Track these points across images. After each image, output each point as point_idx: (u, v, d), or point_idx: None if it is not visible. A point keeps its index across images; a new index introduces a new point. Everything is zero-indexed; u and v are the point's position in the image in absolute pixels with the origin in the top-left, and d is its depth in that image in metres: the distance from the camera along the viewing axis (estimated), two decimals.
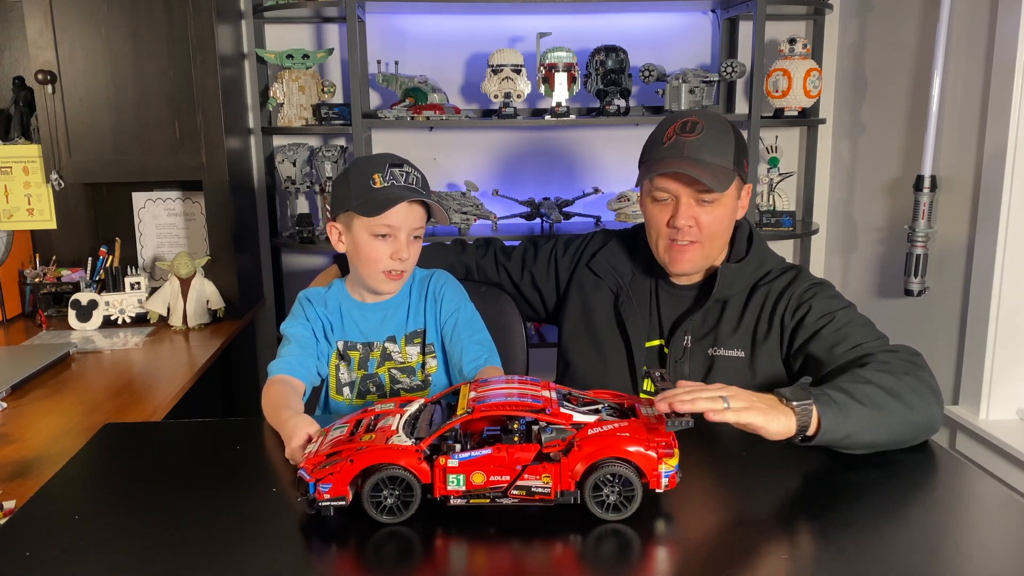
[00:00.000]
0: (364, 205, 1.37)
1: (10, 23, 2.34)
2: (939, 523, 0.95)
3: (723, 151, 1.35)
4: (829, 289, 1.39)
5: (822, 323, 1.32)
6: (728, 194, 1.36)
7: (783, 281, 1.40)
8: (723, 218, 1.38)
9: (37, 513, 1.01)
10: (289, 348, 1.42)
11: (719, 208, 1.37)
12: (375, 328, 1.49)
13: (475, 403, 0.98)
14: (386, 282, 1.44)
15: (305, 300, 1.51)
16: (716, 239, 1.40)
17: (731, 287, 1.41)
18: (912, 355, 1.24)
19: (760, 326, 1.39)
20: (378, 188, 1.37)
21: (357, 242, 1.41)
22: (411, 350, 1.49)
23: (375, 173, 1.38)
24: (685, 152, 1.34)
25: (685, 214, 1.36)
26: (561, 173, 2.73)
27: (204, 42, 2.16)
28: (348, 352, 1.48)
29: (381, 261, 1.40)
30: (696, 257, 1.40)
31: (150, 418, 1.58)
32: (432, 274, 1.54)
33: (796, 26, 2.67)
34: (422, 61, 2.62)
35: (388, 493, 0.95)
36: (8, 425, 1.52)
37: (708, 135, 1.34)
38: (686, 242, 1.39)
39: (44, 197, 2.29)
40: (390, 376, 1.49)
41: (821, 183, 2.77)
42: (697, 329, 1.43)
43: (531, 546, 0.92)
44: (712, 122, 1.37)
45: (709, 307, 1.42)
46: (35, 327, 2.23)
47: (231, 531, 0.98)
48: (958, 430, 2.07)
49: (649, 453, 0.94)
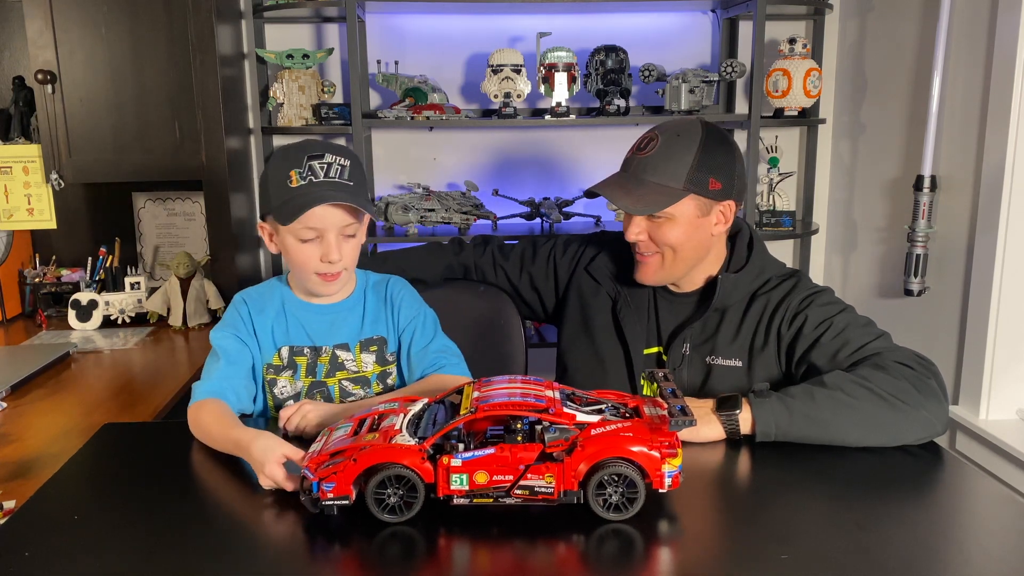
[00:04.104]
0: (280, 209, 1.25)
1: (10, 23, 2.34)
2: (939, 523, 0.95)
3: (673, 170, 1.32)
4: (826, 295, 1.38)
5: (820, 331, 1.32)
6: (681, 212, 1.33)
7: (781, 291, 1.39)
8: (679, 235, 1.35)
9: (37, 513, 1.01)
10: (218, 367, 1.29)
11: (671, 225, 1.34)
12: (324, 332, 1.37)
13: (478, 403, 0.98)
14: (322, 284, 1.32)
15: (241, 303, 1.37)
16: (676, 253, 1.37)
17: (730, 297, 1.40)
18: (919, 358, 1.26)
19: (757, 337, 1.38)
20: (294, 188, 1.24)
21: (285, 246, 1.29)
22: (366, 358, 1.38)
23: (292, 170, 1.25)
24: (630, 170, 1.36)
25: (632, 230, 1.37)
26: (561, 173, 2.73)
27: (204, 42, 2.16)
28: (294, 358, 1.36)
29: (310, 264, 1.29)
30: (655, 268, 1.40)
31: (150, 418, 1.58)
32: (388, 279, 1.45)
33: (796, 26, 2.68)
34: (422, 61, 2.62)
35: (391, 492, 0.95)
36: (8, 425, 1.52)
37: (660, 153, 1.33)
38: (648, 254, 1.39)
39: (44, 197, 2.29)
40: (340, 388, 1.37)
41: (821, 183, 2.77)
42: (696, 337, 1.42)
43: (534, 546, 0.92)
44: (673, 138, 1.34)
45: (708, 316, 1.41)
46: (35, 327, 2.23)
47: (232, 531, 0.98)
48: (958, 430, 2.07)
49: (652, 453, 0.94)
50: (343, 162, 1.27)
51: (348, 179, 1.27)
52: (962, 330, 2.08)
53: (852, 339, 1.29)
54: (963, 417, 2.02)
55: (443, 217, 2.47)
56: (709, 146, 1.34)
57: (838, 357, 1.28)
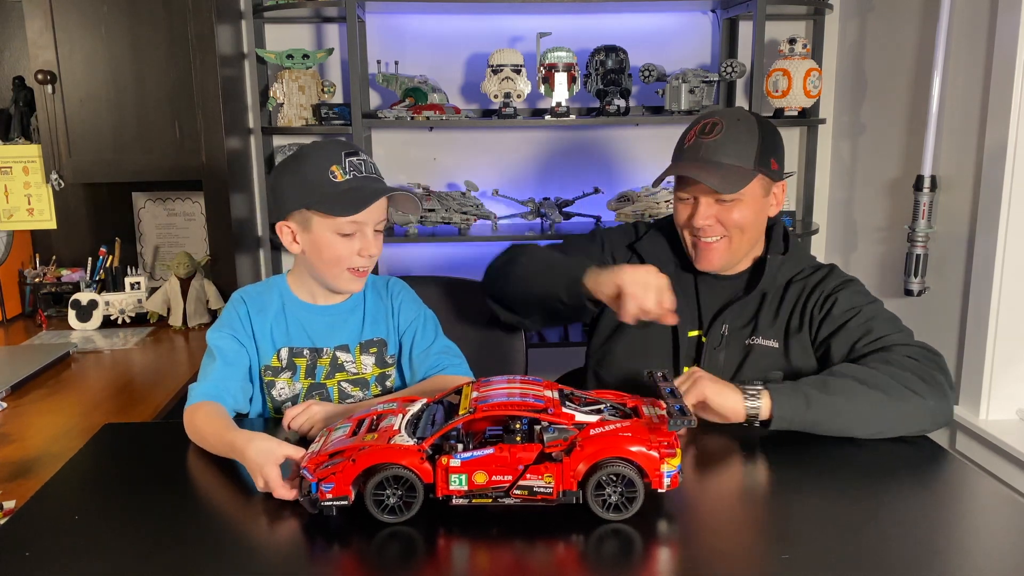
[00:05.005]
0: (330, 203, 1.24)
1: (10, 23, 2.34)
2: (939, 523, 0.95)
3: (742, 152, 1.37)
4: (857, 285, 1.42)
5: (848, 316, 1.36)
6: (750, 193, 1.38)
7: (816, 277, 1.44)
8: (748, 216, 1.39)
9: (37, 513, 1.01)
10: (214, 368, 1.28)
11: (741, 207, 1.38)
12: (324, 333, 1.36)
13: (477, 403, 0.98)
14: (352, 280, 1.32)
15: (240, 302, 1.36)
16: (744, 234, 1.41)
17: (775, 279, 1.44)
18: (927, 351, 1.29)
19: (793, 319, 1.42)
20: (341, 182, 1.24)
21: (319, 242, 1.28)
22: (366, 360, 1.37)
23: (333, 165, 1.25)
24: (701, 154, 1.38)
25: (703, 214, 1.39)
26: (561, 173, 2.73)
27: (204, 42, 2.16)
28: (293, 360, 1.35)
29: (346, 259, 1.28)
30: (723, 253, 1.43)
31: (150, 418, 1.58)
32: (387, 280, 1.45)
33: (796, 26, 2.67)
34: (422, 61, 2.62)
35: (390, 493, 0.95)
36: (8, 425, 1.52)
37: (727, 136, 1.37)
38: (713, 239, 1.41)
39: (44, 197, 2.29)
40: (339, 390, 1.37)
41: (821, 183, 2.77)
42: (736, 319, 1.44)
43: (533, 546, 0.92)
44: (734, 123, 1.39)
45: (750, 298, 1.44)
46: (35, 327, 2.23)
47: (231, 531, 0.98)
48: (958, 430, 2.07)
49: (651, 453, 0.95)
50: (370, 159, 1.31)
51: (378, 175, 1.30)
52: (962, 330, 2.08)
53: (875, 329, 1.33)
54: (963, 417, 2.02)
55: (443, 217, 2.47)
56: (766, 129, 1.42)
57: (858, 344, 1.32)
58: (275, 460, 1.02)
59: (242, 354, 1.32)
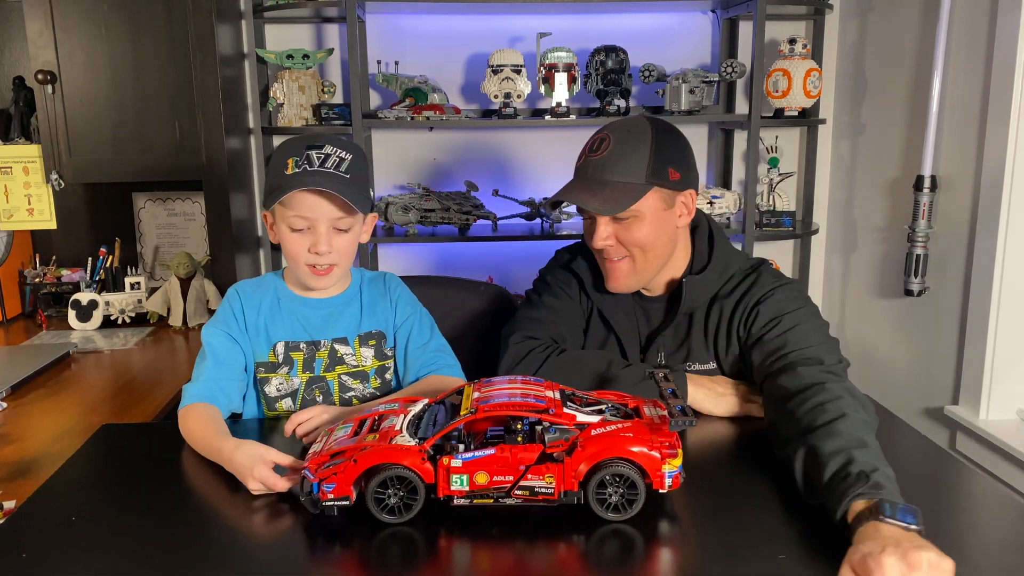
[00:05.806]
0: (267, 193, 1.27)
1: (10, 23, 2.34)
2: (939, 523, 0.95)
3: (631, 167, 1.29)
4: (783, 292, 1.33)
5: (765, 329, 1.28)
6: (648, 208, 1.30)
7: (742, 288, 1.35)
8: (648, 233, 1.31)
9: (36, 513, 1.01)
10: (205, 367, 1.28)
11: (639, 224, 1.31)
12: (320, 326, 1.36)
13: (479, 403, 0.98)
14: (312, 277, 1.30)
15: (235, 297, 1.35)
16: (647, 252, 1.33)
17: (697, 298, 1.36)
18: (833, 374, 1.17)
19: (720, 339, 1.36)
20: (288, 174, 1.24)
21: (279, 236, 1.29)
22: (365, 352, 1.37)
23: (290, 158, 1.25)
24: (589, 173, 1.32)
25: (601, 235, 1.32)
26: (561, 173, 2.73)
27: (204, 42, 2.16)
28: (290, 354, 1.34)
29: (301, 255, 1.27)
30: (629, 274, 1.35)
31: (150, 418, 1.58)
32: (384, 275, 1.44)
33: (796, 26, 2.67)
34: (422, 61, 2.62)
35: (392, 493, 0.95)
36: (8, 425, 1.52)
37: (615, 151, 1.30)
38: (617, 259, 1.34)
39: (44, 197, 2.29)
40: (340, 383, 1.36)
41: (821, 183, 2.77)
42: (669, 344, 1.39)
43: (534, 546, 0.92)
44: (624, 136, 1.31)
45: (678, 321, 1.38)
46: (35, 327, 2.23)
47: (231, 531, 0.98)
48: (958, 430, 2.07)
49: (652, 453, 0.95)
50: (343, 155, 1.26)
51: (345, 172, 1.25)
52: (962, 330, 2.08)
53: (791, 342, 1.24)
54: (963, 417, 2.02)
55: (443, 217, 2.47)
56: (661, 137, 1.31)
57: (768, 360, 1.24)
58: (265, 463, 1.03)
59: (236, 351, 1.32)
